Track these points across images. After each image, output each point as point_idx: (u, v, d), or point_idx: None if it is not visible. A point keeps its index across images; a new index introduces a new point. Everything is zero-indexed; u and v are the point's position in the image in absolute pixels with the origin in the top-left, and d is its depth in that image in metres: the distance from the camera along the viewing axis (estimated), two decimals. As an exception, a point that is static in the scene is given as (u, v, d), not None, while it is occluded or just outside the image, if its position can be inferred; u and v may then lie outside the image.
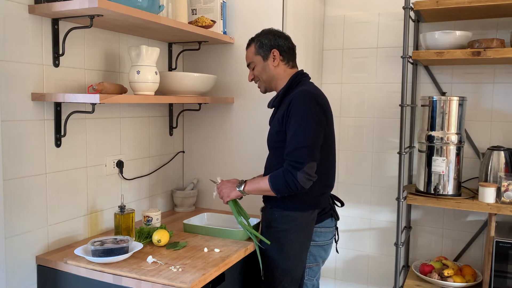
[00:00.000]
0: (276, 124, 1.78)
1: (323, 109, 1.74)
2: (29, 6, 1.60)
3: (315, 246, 1.84)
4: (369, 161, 2.66)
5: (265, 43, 1.84)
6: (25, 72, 1.60)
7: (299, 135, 1.67)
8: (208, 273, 1.53)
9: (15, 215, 1.60)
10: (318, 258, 1.87)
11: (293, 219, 1.76)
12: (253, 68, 1.90)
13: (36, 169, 1.67)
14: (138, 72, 1.79)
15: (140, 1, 1.67)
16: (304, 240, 1.79)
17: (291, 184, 1.65)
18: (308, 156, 1.65)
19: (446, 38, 2.15)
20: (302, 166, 1.63)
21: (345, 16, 2.67)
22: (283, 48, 1.85)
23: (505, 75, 2.36)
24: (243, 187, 1.81)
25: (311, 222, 1.79)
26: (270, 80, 1.88)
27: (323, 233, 1.85)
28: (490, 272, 2.11)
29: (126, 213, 1.84)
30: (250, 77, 1.93)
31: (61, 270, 1.62)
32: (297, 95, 1.73)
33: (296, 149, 1.66)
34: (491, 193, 2.07)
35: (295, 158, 1.65)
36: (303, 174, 1.63)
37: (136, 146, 2.18)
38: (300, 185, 1.64)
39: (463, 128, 2.22)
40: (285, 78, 1.86)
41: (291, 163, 1.65)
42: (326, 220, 1.85)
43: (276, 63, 1.84)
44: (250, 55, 1.89)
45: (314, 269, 1.88)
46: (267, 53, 1.84)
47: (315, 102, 1.72)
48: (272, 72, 1.85)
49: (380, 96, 2.61)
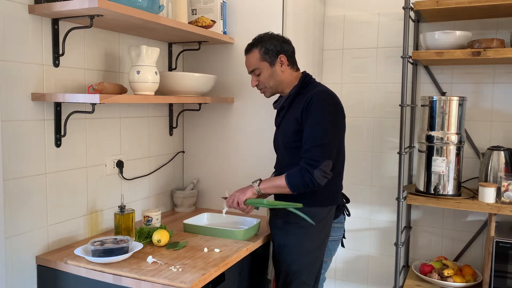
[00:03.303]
0: (293, 124, 1.79)
1: (341, 109, 1.81)
2: (29, 6, 1.59)
3: (332, 241, 1.90)
4: (369, 161, 2.66)
5: (270, 49, 1.82)
6: (25, 72, 1.60)
7: (315, 133, 1.71)
8: (208, 273, 1.53)
9: (15, 215, 1.60)
10: (332, 252, 1.94)
11: (313, 215, 1.77)
12: (258, 74, 1.87)
13: (36, 169, 1.67)
14: (138, 72, 1.79)
15: (140, 1, 1.67)
16: (323, 235, 1.84)
17: (308, 181, 1.69)
18: (324, 154, 1.69)
19: (446, 38, 2.15)
20: (319, 164, 1.68)
21: (345, 16, 2.67)
22: (288, 53, 1.85)
23: (505, 75, 2.36)
24: (258, 184, 1.81)
25: (330, 218, 1.85)
26: (277, 86, 1.87)
27: (338, 228, 1.92)
28: (490, 272, 2.12)
29: (126, 213, 1.84)
30: (253, 83, 1.90)
31: (61, 270, 1.62)
32: (316, 94, 1.75)
33: (312, 147, 1.70)
34: (491, 193, 2.07)
35: (312, 156, 1.69)
36: (320, 172, 1.68)
37: (136, 146, 2.18)
38: (317, 182, 1.68)
39: (463, 128, 2.22)
40: (292, 82, 1.87)
41: (308, 161, 1.69)
42: (340, 216, 1.92)
43: (284, 68, 1.84)
44: (254, 61, 1.85)
45: (328, 263, 1.96)
46: (274, 58, 1.82)
47: (335, 102, 1.78)
48: (280, 77, 1.85)
49: (380, 96, 2.61)
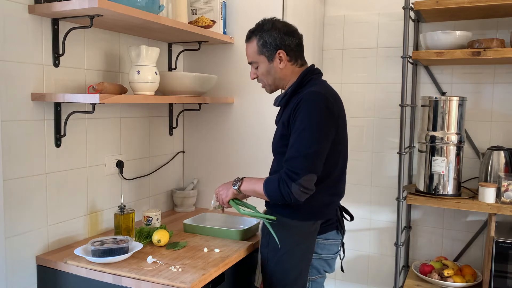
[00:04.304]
0: (281, 127, 1.62)
1: (332, 113, 1.56)
2: (29, 6, 1.60)
3: (318, 259, 1.68)
4: (369, 161, 2.66)
5: (269, 42, 1.62)
6: (25, 72, 1.60)
7: (300, 141, 1.51)
8: (208, 273, 1.53)
9: (15, 215, 1.60)
10: (321, 271, 1.71)
11: (291, 228, 1.61)
12: (256, 67, 1.69)
13: (36, 169, 1.67)
14: (138, 72, 1.79)
15: (140, 1, 1.67)
16: (304, 252, 1.63)
17: (284, 195, 1.50)
18: (305, 168, 1.49)
19: (446, 38, 2.15)
20: (298, 177, 1.47)
21: (345, 16, 2.67)
22: (291, 47, 1.64)
23: (505, 75, 2.36)
24: (238, 186, 1.67)
25: (313, 233, 1.63)
26: (276, 83, 1.69)
27: (327, 245, 1.68)
28: (490, 272, 2.11)
29: (126, 213, 1.84)
30: (252, 76, 1.72)
31: (61, 270, 1.62)
32: (305, 96, 1.55)
33: (294, 157, 1.50)
34: (491, 193, 2.07)
35: (291, 168, 1.50)
36: (298, 187, 1.47)
37: (136, 146, 2.18)
38: (294, 197, 1.48)
39: (463, 128, 2.22)
40: (293, 79, 1.67)
41: (287, 172, 1.50)
42: (330, 232, 1.68)
43: (283, 65, 1.64)
44: (252, 53, 1.68)
45: (319, 281, 1.73)
46: (272, 53, 1.63)
47: (325, 106, 1.54)
48: (279, 74, 1.66)
49: (380, 96, 2.61)
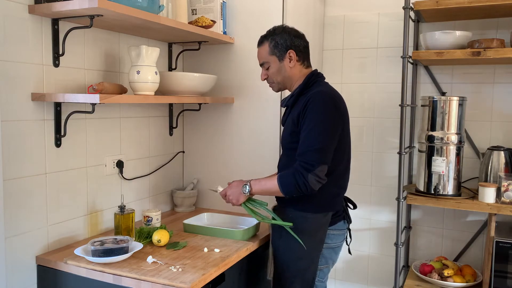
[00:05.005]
0: (290, 125, 1.75)
1: (339, 111, 1.72)
2: (29, 6, 1.60)
3: (327, 248, 1.82)
4: (369, 161, 2.66)
5: (280, 43, 1.77)
6: (25, 72, 1.60)
7: (312, 137, 1.64)
8: (208, 273, 1.53)
9: (15, 215, 1.60)
10: (329, 260, 1.85)
11: (307, 220, 1.73)
12: (267, 68, 1.83)
13: (36, 169, 1.67)
14: (138, 72, 1.79)
15: (140, 1, 1.67)
16: (317, 242, 1.77)
17: (301, 185, 1.63)
18: (319, 159, 1.63)
19: (446, 38, 2.15)
20: (313, 168, 1.61)
21: (345, 16, 2.67)
22: (299, 48, 1.79)
23: (505, 75, 2.35)
24: (248, 190, 1.76)
25: (325, 224, 1.77)
26: (285, 81, 1.83)
27: (336, 235, 1.83)
28: (490, 272, 2.11)
29: (126, 213, 1.84)
30: (263, 77, 1.86)
31: (61, 270, 1.62)
32: (314, 96, 1.68)
33: (308, 151, 1.64)
34: (491, 193, 2.07)
35: (306, 160, 1.63)
36: (314, 176, 1.62)
37: (136, 146, 2.18)
38: (310, 186, 1.62)
39: (463, 128, 2.22)
40: (300, 79, 1.81)
41: (302, 165, 1.63)
42: (339, 223, 1.83)
43: (293, 64, 1.79)
44: (264, 54, 1.82)
45: (325, 271, 1.87)
46: (283, 53, 1.78)
47: (332, 104, 1.69)
48: (288, 73, 1.80)
49: (380, 96, 2.61)
